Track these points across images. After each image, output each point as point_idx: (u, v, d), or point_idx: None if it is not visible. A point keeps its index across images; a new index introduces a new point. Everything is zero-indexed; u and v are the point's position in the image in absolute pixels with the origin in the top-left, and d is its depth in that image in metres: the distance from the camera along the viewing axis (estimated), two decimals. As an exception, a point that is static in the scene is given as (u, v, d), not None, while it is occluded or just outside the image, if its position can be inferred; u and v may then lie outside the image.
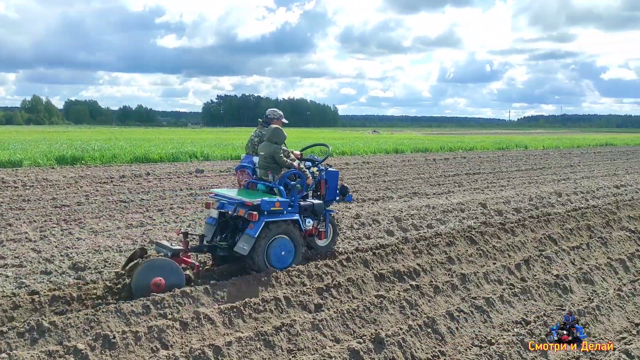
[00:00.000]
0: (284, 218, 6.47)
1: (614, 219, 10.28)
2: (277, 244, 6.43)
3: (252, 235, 6.17)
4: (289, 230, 6.53)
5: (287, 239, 6.52)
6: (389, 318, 5.32)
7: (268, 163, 7.07)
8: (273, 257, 6.39)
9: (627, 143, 47.00)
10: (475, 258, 7.47)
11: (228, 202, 6.61)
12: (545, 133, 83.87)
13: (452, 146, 35.05)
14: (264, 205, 6.20)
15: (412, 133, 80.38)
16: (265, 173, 7.10)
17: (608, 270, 7.09)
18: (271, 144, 7.08)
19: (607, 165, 24.08)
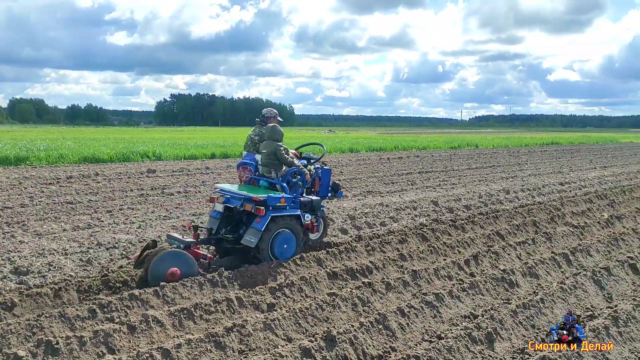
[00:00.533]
0: (288, 213, 6.81)
1: (558, 214, 10.67)
2: (281, 237, 6.79)
3: (258, 228, 6.53)
4: (291, 225, 6.91)
5: (290, 233, 6.89)
6: (341, 316, 5.35)
7: (271, 160, 7.33)
8: (277, 249, 6.75)
9: (571, 142, 48.96)
10: (427, 255, 7.61)
11: (234, 197, 6.88)
12: (495, 132, 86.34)
13: (406, 145, 35.62)
14: (271, 201, 6.59)
15: (367, 132, 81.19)
16: (268, 170, 7.38)
17: (552, 264, 7.35)
18: (272, 142, 7.34)
19: (553, 163, 25.00)
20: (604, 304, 6.06)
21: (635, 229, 9.54)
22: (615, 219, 10.42)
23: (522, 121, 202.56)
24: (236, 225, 7.05)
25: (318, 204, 7.45)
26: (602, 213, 11.17)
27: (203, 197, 12.85)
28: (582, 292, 6.26)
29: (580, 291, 6.25)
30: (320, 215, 7.76)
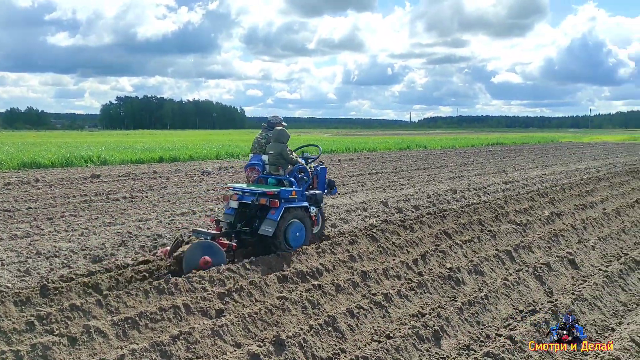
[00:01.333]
0: (298, 205, 7.55)
1: (502, 213, 11.01)
2: (293, 227, 7.48)
3: (274, 219, 7.19)
4: (301, 215, 7.63)
5: (300, 223, 7.61)
6: (291, 319, 5.32)
7: (278, 160, 8.02)
8: (290, 237, 7.45)
9: (514, 142, 50.76)
10: (376, 255, 7.69)
11: (248, 193, 7.58)
12: (443, 133, 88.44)
13: (356, 147, 35.99)
14: (283, 194, 7.35)
15: (318, 134, 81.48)
16: (275, 169, 8.06)
17: (496, 261, 7.57)
18: (279, 143, 8.02)
19: (498, 163, 25.83)
20: (545, 299, 6.28)
21: (574, 225, 9.96)
22: (556, 216, 10.85)
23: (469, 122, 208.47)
24: (250, 219, 7.65)
25: (321, 197, 8.28)
26: (543, 211, 11.61)
27: (150, 202, 12.54)
28: (525, 287, 6.47)
29: (523, 287, 6.46)
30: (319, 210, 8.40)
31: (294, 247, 7.43)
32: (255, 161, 8.47)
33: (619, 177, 18.41)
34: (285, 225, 7.33)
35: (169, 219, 10.45)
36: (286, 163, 8.03)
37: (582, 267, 7.56)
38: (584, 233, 9.63)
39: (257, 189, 7.50)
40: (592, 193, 14.43)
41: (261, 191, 7.41)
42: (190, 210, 11.31)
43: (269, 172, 8.17)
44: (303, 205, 7.67)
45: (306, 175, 8.21)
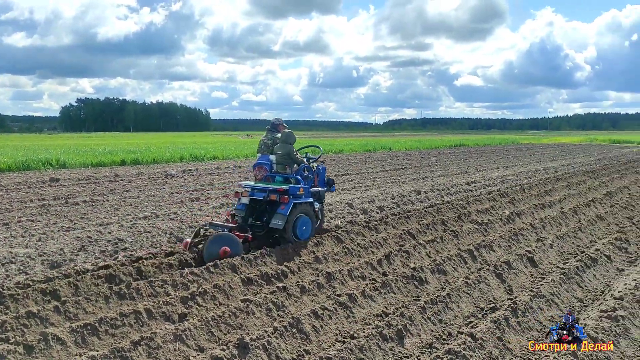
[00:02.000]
0: (304, 200, 8.24)
1: (465, 213, 11.22)
2: (300, 221, 8.13)
3: (284, 213, 7.87)
4: (307, 210, 8.29)
5: (307, 217, 8.25)
6: (255, 322, 5.30)
7: (285, 160, 8.66)
8: (298, 230, 8.10)
9: (477, 143, 51.77)
10: (341, 256, 7.72)
11: (258, 190, 8.19)
12: (407, 135, 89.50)
13: (323, 149, 36.01)
14: (292, 190, 8.03)
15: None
16: (282, 167, 8.70)
17: (458, 260, 7.71)
18: (287, 144, 8.69)
19: (460, 164, 26.30)
20: (505, 296, 6.43)
21: (533, 224, 10.22)
22: (516, 216, 11.12)
23: (433, 124, 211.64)
24: (260, 214, 8.34)
25: (323, 194, 9.05)
26: (503, 210, 11.88)
27: (111, 206, 12.28)
28: (486, 285, 6.61)
29: (484, 285, 6.60)
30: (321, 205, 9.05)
31: (301, 239, 8.12)
32: (263, 161, 9.01)
33: (576, 177, 19.00)
34: (293, 219, 8.01)
35: (131, 222, 10.25)
36: (292, 162, 8.67)
37: (540, 264, 7.77)
38: (542, 232, 9.90)
39: (268, 186, 8.16)
40: (550, 193, 14.85)
41: (272, 188, 8.08)
42: (153, 214, 11.12)
43: (277, 170, 8.77)
44: (309, 201, 8.38)
45: (310, 173, 8.85)
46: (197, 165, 24.32)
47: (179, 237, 8.92)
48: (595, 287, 6.89)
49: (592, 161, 28.36)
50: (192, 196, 13.94)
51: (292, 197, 8.03)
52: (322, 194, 8.98)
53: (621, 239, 9.10)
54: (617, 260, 8.16)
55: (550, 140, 64.44)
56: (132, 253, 7.85)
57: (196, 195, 14.05)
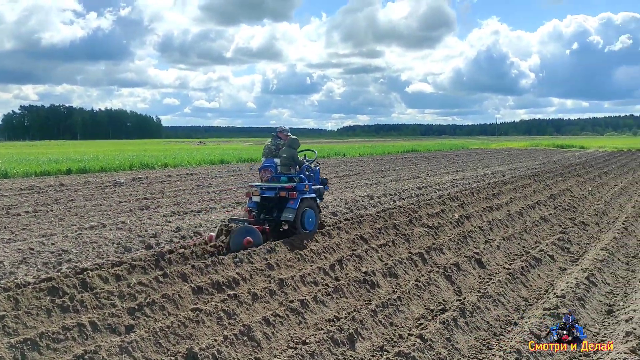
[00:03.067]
0: (309, 196, 9.34)
1: (416, 217, 11.41)
2: (307, 214, 9.20)
3: (293, 207, 8.94)
4: (311, 204, 9.39)
5: (311, 210, 9.35)
6: (206, 331, 5.20)
7: (289, 162, 9.60)
8: (305, 222, 9.14)
9: (428, 149, 52.87)
10: (294, 262, 7.70)
11: (268, 189, 9.22)
12: (361, 141, 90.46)
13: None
14: (299, 187, 9.11)
15: (239, 144, 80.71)
16: (287, 169, 9.62)
17: (409, 263, 7.81)
18: (291, 149, 9.68)
19: (412, 169, 26.77)
20: (454, 298, 6.56)
21: (481, 226, 10.50)
22: (465, 219, 11.39)
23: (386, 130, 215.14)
24: (270, 209, 9.40)
25: (323, 191, 10.12)
26: (453, 214, 12.15)
27: (56, 216, 11.83)
28: (435, 287, 6.72)
29: (434, 287, 6.71)
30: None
31: (308, 230, 9.14)
32: (269, 164, 9.85)
33: (522, 180, 19.65)
34: (301, 212, 9.04)
35: (76, 233, 9.90)
36: (296, 164, 9.66)
37: (488, 265, 7.97)
38: (490, 234, 10.18)
39: (277, 185, 9.20)
40: (498, 196, 15.30)
41: (281, 186, 9.11)
42: (100, 224, 10.77)
43: (281, 171, 9.65)
44: (313, 197, 9.52)
45: (312, 173, 9.99)
46: (148, 173, 23.78)
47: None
48: (539, 286, 7.13)
49: (537, 165, 29.42)
50: (142, 205, 13.60)
51: (299, 193, 9.07)
52: (322, 190, 10.15)
53: (564, 239, 9.46)
54: (560, 259, 8.48)
55: (498, 145, 66.51)
56: (76, 264, 7.58)
57: (146, 204, 13.72)
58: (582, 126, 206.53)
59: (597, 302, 6.44)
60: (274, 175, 9.63)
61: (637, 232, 10.50)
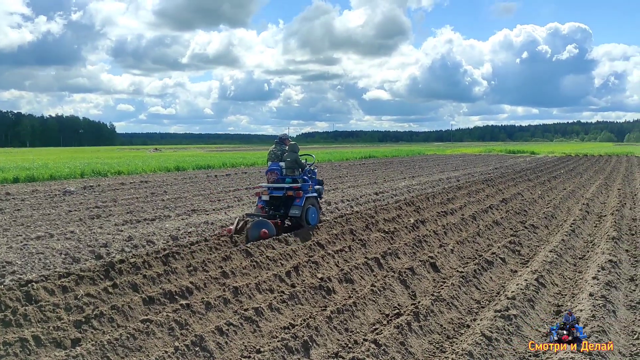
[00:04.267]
0: (311, 195, 10.80)
1: (373, 222, 11.47)
2: (310, 210, 10.63)
3: (300, 205, 10.36)
4: (314, 202, 10.86)
5: (314, 207, 10.80)
6: (156, 342, 5.05)
7: (293, 165, 10.80)
8: (309, 218, 10.55)
9: (385, 155, 53.54)
10: (250, 270, 7.60)
11: (276, 189, 10.60)
12: (320, 148, 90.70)
13: (234, 162, 35.63)
14: (304, 187, 10.59)
15: (196, 150, 79.60)
16: (292, 171, 10.79)
17: (365, 268, 7.84)
18: (294, 153, 10.87)
19: (370, 175, 27.00)
20: (409, 302, 6.61)
21: (436, 231, 10.66)
22: (420, 223, 11.54)
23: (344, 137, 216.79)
24: (277, 207, 10.72)
25: (322, 190, 11.51)
26: (409, 219, 12.29)
27: (0, 227, 11.32)
28: (391, 292, 6.76)
29: (389, 292, 6.75)
30: None
31: (312, 224, 10.52)
32: (274, 167, 10.99)
33: (475, 185, 20.11)
34: (305, 209, 10.41)
35: (22, 243, 9.47)
36: (298, 167, 10.82)
37: (442, 269, 8.09)
38: (444, 238, 10.34)
39: (285, 185, 10.55)
40: (452, 201, 15.59)
41: (289, 186, 10.49)
42: (47, 234, 10.36)
43: (286, 174, 10.80)
44: (314, 195, 10.90)
45: (313, 174, 11.23)
46: (100, 181, 23.11)
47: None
48: (491, 289, 7.27)
49: (490, 170, 30.19)
50: (92, 214, 13.18)
51: (304, 192, 10.48)
52: (321, 190, 11.47)
53: (515, 242, 9.70)
54: (511, 262, 8.69)
55: (453, 151, 67.99)
56: (21, 276, 7.26)
57: (97, 213, 13.30)
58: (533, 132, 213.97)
59: (546, 302, 6.61)
60: (279, 177, 10.88)
61: (584, 234, 10.89)
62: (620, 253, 8.86)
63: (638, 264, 8.40)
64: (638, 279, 7.53)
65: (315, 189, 11.09)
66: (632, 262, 8.51)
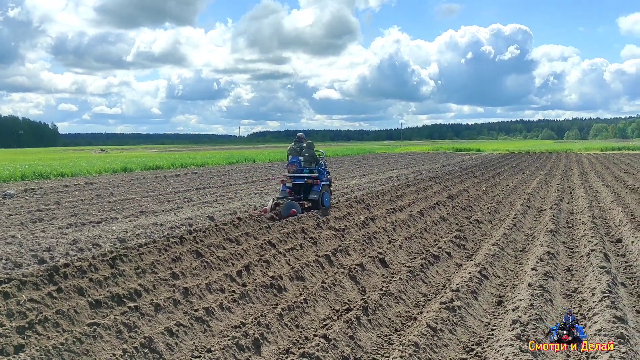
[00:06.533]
0: (326, 182, 13.38)
1: (324, 220, 11.60)
2: (325, 195, 13.21)
3: (317, 190, 13.01)
4: (327, 189, 13.47)
5: (327, 193, 13.41)
6: (104, 346, 4.97)
7: (311, 159, 13.30)
8: (324, 201, 13.14)
9: (337, 154, 54.07)
10: (200, 270, 7.56)
11: (298, 177, 13.24)
12: (271, 147, 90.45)
13: (183, 162, 35.05)
14: (320, 177, 13.14)
15: (144, 151, 77.77)
16: (309, 164, 13.31)
17: (316, 266, 7.94)
18: (310, 149, 13.37)
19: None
20: (359, 297, 6.76)
21: (385, 227, 10.89)
22: (370, 220, 11.76)
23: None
24: (298, 192, 13.32)
25: (330, 179, 14.04)
26: (359, 216, 12.50)
27: None
28: (341, 288, 6.89)
29: (339, 288, 6.87)
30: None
31: (326, 206, 13.15)
32: (294, 160, 13.52)
33: (423, 182, 20.62)
34: (322, 193, 13.07)
35: (-42, 250, 9.05)
36: (314, 160, 13.31)
37: (391, 265, 8.29)
38: (393, 234, 10.58)
39: (305, 175, 13.19)
40: (401, 198, 15.94)
41: (308, 175, 13.15)
42: (-14, 239, 9.93)
43: (304, 166, 13.36)
44: (327, 183, 13.51)
45: (324, 166, 13.64)
46: (42, 183, 22.26)
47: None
48: (437, 282, 7.52)
49: (438, 168, 30.99)
50: (35, 217, 12.72)
51: (320, 180, 13.07)
52: (330, 179, 13.99)
53: (460, 237, 10.05)
54: (457, 256, 9.00)
55: (403, 150, 69.29)
56: (-43, 284, 6.93)
57: (39, 216, 12.84)
58: (479, 130, 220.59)
59: (489, 294, 6.90)
60: (298, 168, 13.38)
61: (524, 228, 11.38)
62: (558, 245, 9.33)
63: (574, 255, 8.87)
64: (574, 269, 7.96)
65: (327, 179, 13.57)
66: (568, 254, 8.98)
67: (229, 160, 39.70)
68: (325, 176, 13.36)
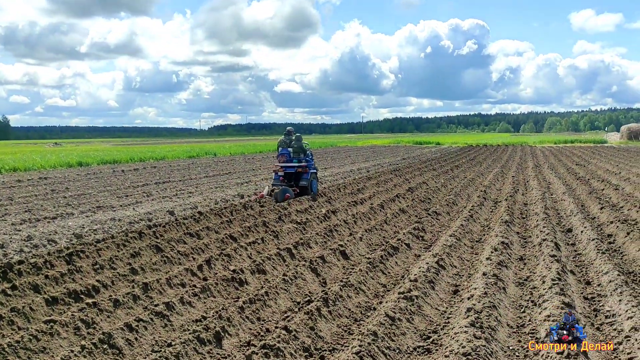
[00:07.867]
0: (314, 171, 14.85)
1: (285, 213, 11.65)
2: (313, 182, 14.64)
3: (307, 178, 14.45)
4: (315, 177, 14.85)
5: (315, 180, 14.87)
6: (62, 343, 4.90)
7: (299, 150, 14.53)
8: (313, 187, 14.57)
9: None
10: (160, 265, 7.50)
11: (289, 167, 14.41)
12: (233, 140, 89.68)
13: (142, 156, 34.42)
14: (310, 166, 14.62)
15: (100, 145, 75.83)
16: (297, 155, 14.55)
17: (278, 259, 7.99)
18: (299, 141, 14.67)
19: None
20: (320, 289, 6.85)
21: (346, 220, 11.03)
22: (331, 213, 11.87)
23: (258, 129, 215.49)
24: (289, 180, 14.54)
25: (316, 169, 15.55)
26: (321, 209, 12.60)
27: None
28: (302, 280, 6.96)
29: (300, 280, 6.95)
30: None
31: (314, 192, 14.49)
32: (284, 151, 14.59)
33: (384, 175, 20.90)
34: (310, 180, 14.45)
35: None
36: (302, 152, 14.56)
37: (351, 256, 8.42)
38: (354, 227, 10.73)
39: (295, 164, 14.38)
40: (362, 191, 16.13)
41: (298, 165, 14.37)
42: None
43: (293, 157, 14.55)
44: (315, 172, 14.91)
45: (311, 157, 14.96)
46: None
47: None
48: (396, 273, 7.69)
49: (398, 161, 31.43)
50: (-14, 213, 12.29)
51: (309, 169, 14.48)
52: (316, 168, 15.48)
53: (419, 229, 10.27)
54: (415, 247, 9.20)
55: (364, 143, 69.85)
56: None
57: (-9, 212, 12.42)
58: (438, 124, 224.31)
59: (446, 283, 7.11)
60: (288, 159, 14.53)
61: (481, 219, 11.72)
62: (512, 235, 9.66)
63: (527, 244, 9.21)
64: (526, 258, 8.27)
65: (314, 167, 15.05)
66: (522, 243, 9.32)
67: (190, 154, 39.20)
68: (314, 165, 14.85)
